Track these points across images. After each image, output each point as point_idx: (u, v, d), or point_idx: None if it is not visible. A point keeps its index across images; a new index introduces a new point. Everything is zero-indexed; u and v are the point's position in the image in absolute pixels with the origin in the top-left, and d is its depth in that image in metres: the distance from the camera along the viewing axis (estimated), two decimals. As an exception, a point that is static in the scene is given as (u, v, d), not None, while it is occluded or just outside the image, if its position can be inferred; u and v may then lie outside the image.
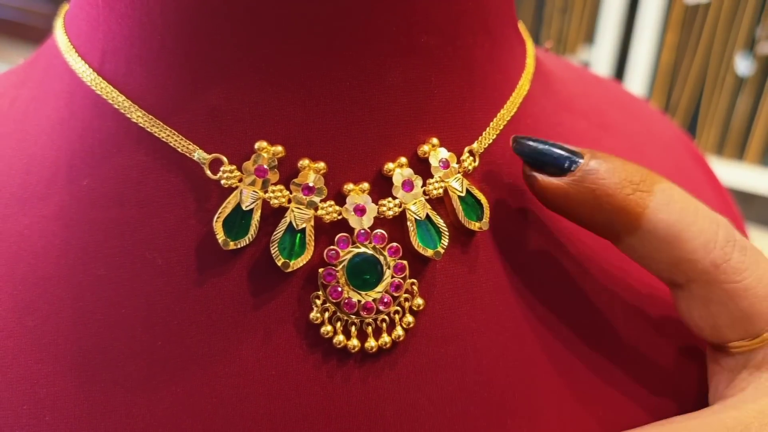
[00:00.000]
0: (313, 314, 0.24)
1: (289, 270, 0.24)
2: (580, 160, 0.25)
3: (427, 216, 0.25)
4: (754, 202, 1.76)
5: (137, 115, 0.24)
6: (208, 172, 0.24)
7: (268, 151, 0.24)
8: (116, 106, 0.24)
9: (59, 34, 0.28)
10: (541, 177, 0.26)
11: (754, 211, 1.77)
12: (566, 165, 0.25)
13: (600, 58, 1.78)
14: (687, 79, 1.67)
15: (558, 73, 0.34)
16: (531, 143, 0.26)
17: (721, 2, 1.58)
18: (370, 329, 0.25)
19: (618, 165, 0.25)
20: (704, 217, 0.25)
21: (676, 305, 0.26)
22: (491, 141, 0.27)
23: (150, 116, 0.24)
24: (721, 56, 1.61)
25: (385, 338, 0.25)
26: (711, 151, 1.71)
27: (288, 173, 0.24)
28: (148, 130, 0.24)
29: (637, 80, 1.73)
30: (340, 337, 0.24)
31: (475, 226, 0.26)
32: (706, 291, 0.25)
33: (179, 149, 0.24)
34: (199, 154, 0.24)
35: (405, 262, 0.25)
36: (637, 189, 0.24)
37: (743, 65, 1.58)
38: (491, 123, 0.27)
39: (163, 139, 0.24)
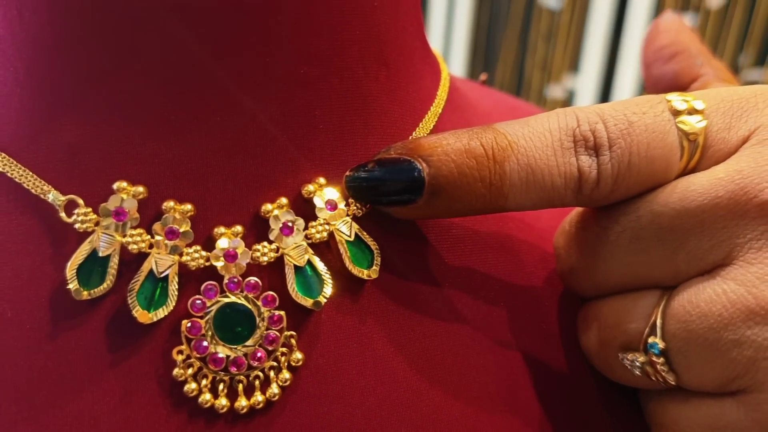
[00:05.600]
0: (177, 371, 0.22)
1: (148, 322, 0.22)
2: (419, 177, 0.23)
3: (309, 262, 0.23)
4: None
5: (-11, 153, 0.22)
6: (63, 215, 0.22)
7: (128, 191, 0.22)
8: (-32, 143, 0.23)
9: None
10: (394, 210, 0.24)
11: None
12: (408, 198, 0.23)
13: (585, 85, 1.77)
14: (672, 107, 1.65)
15: (482, 107, 0.33)
16: (370, 195, 0.24)
17: (704, 29, 1.58)
18: (241, 387, 0.22)
19: (456, 163, 0.23)
20: (555, 157, 0.23)
21: None
22: (387, 180, 0.25)
23: (3, 154, 0.22)
24: (705, 84, 1.59)
25: (258, 397, 0.22)
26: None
27: (152, 216, 0.22)
28: (1, 170, 0.22)
29: (622, 108, 1.72)
30: (207, 396, 0.22)
31: (363, 273, 0.24)
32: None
33: (33, 190, 0.22)
34: (53, 196, 0.22)
35: (282, 313, 0.23)
36: (490, 187, 0.23)
37: (727, 93, 1.57)
38: (389, 160, 0.25)
39: (17, 180, 0.22)
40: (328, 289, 0.23)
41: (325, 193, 0.24)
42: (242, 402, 0.22)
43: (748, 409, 0.21)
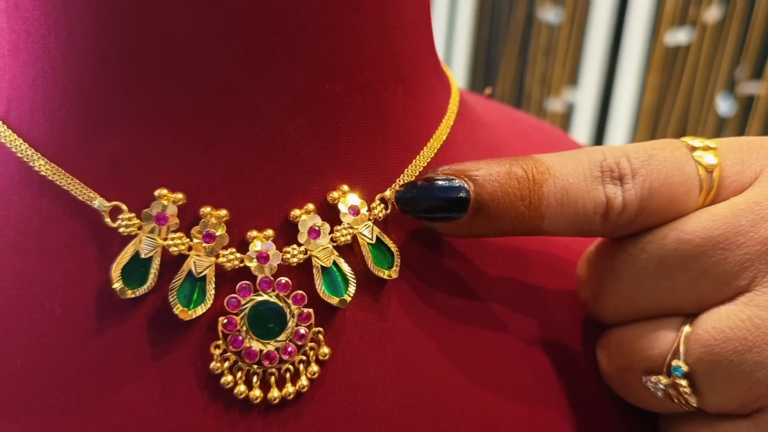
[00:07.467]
0: (214, 364, 0.24)
1: (188, 318, 0.23)
2: (465, 196, 0.25)
3: (334, 263, 0.25)
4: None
5: (39, 164, 0.24)
6: (108, 220, 0.24)
7: (168, 198, 0.24)
8: (19, 155, 0.24)
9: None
10: (439, 226, 0.26)
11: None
12: (457, 214, 0.25)
13: (584, 99, 1.80)
14: (670, 120, 1.68)
15: (489, 119, 0.34)
16: (419, 210, 0.26)
17: (701, 43, 1.60)
18: (273, 379, 0.24)
19: (500, 183, 0.24)
20: (588, 190, 0.24)
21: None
22: (405, 187, 0.27)
23: (52, 164, 0.24)
24: (702, 97, 1.62)
25: (289, 388, 0.24)
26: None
27: (190, 221, 0.24)
28: (50, 178, 0.24)
29: (621, 121, 1.75)
30: (242, 388, 0.24)
31: (384, 274, 0.25)
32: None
33: (80, 197, 0.24)
34: (99, 202, 0.24)
35: (310, 311, 0.25)
36: (529, 206, 0.24)
37: (724, 105, 1.60)
38: (406, 170, 0.27)
39: (65, 187, 0.24)
40: (352, 289, 0.25)
41: (349, 200, 0.26)
42: (274, 393, 0.24)
43: (763, 429, 0.23)
